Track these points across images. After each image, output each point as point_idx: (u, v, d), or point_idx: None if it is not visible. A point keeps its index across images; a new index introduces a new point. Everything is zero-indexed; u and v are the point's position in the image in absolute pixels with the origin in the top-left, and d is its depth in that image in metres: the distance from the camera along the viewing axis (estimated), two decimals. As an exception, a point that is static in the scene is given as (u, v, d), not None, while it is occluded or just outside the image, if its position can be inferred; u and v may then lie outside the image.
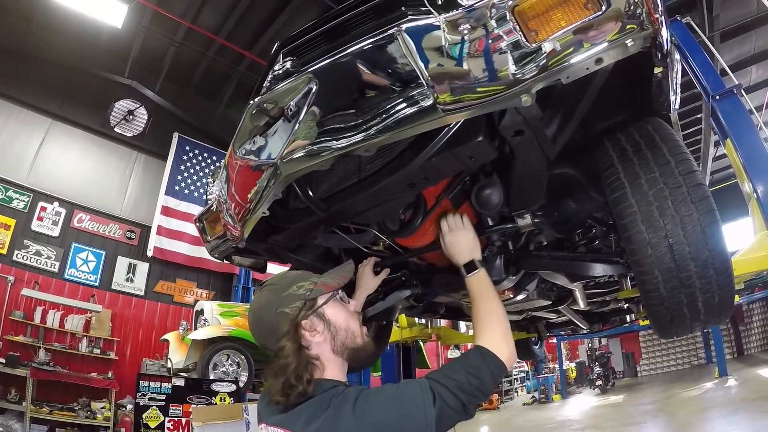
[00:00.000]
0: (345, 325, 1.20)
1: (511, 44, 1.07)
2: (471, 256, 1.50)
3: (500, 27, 1.07)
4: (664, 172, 1.40)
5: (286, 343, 1.10)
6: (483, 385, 1.08)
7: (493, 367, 1.12)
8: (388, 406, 1.01)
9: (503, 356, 1.15)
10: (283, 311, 1.13)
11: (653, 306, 1.47)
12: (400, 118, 1.18)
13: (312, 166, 1.37)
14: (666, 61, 1.18)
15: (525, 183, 1.54)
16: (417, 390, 1.04)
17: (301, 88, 1.34)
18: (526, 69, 1.06)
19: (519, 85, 1.07)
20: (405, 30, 1.15)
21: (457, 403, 1.04)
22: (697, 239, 1.33)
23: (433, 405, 1.01)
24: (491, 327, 1.24)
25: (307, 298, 1.16)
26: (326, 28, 1.54)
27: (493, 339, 1.19)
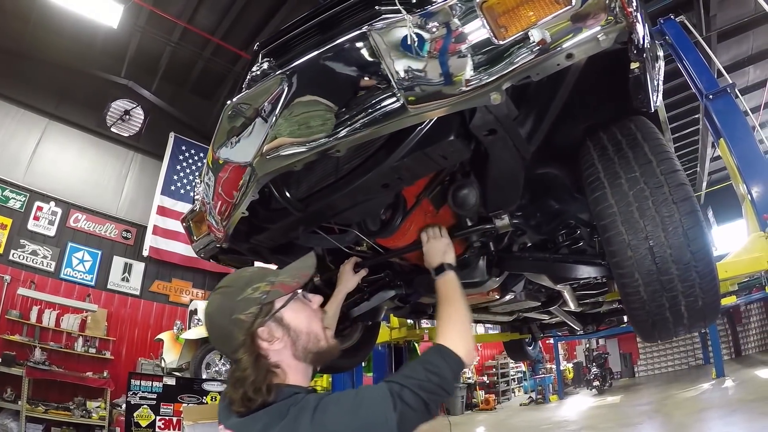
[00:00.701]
0: (306, 329, 1.12)
1: (480, 41, 1.05)
2: (442, 260, 1.53)
3: (469, 24, 1.06)
4: (644, 171, 1.37)
5: (243, 355, 1.03)
6: (444, 382, 1.06)
7: (452, 364, 1.11)
8: (348, 415, 0.96)
9: (461, 353, 1.13)
10: (237, 318, 1.04)
11: (634, 310, 1.44)
12: (369, 117, 1.17)
13: (286, 166, 1.37)
14: (642, 57, 1.15)
15: (500, 183, 1.53)
16: (377, 396, 1.00)
17: (274, 89, 1.34)
18: (495, 66, 1.04)
19: (487, 83, 1.05)
20: (374, 30, 1.14)
21: (419, 403, 1.01)
22: (679, 241, 1.30)
23: (393, 410, 0.97)
24: (451, 327, 1.23)
25: (263, 302, 1.07)
26: (303, 28, 1.54)
27: (451, 338, 1.17)
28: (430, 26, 1.08)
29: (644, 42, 1.14)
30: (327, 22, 1.46)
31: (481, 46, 1.05)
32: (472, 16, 1.06)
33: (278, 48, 1.61)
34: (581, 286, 2.70)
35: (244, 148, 1.47)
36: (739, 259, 3.11)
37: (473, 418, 11.90)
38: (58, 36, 7.70)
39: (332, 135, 1.23)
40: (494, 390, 14.69)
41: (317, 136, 1.26)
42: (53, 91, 8.10)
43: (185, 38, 8.20)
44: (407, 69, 1.11)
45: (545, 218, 1.86)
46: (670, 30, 4.26)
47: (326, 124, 1.25)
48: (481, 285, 1.98)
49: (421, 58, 1.09)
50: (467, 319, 1.29)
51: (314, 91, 1.28)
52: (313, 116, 1.28)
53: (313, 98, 1.28)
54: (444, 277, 1.47)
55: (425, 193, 1.72)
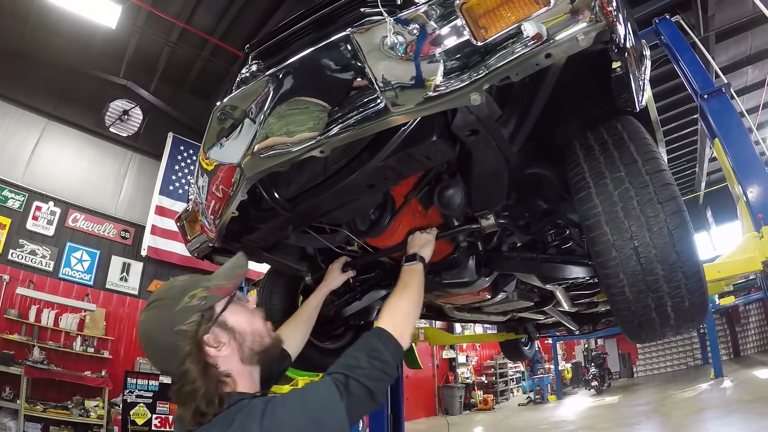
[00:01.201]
0: (250, 329, 1.11)
1: (460, 43, 1.06)
2: (416, 250, 1.58)
3: (449, 25, 1.06)
4: (630, 171, 1.37)
5: (190, 365, 0.99)
6: (386, 367, 1.07)
7: (391, 348, 1.12)
8: (296, 415, 0.95)
9: (400, 339, 1.15)
10: (179, 329, 1.00)
11: (620, 310, 1.43)
12: (352, 118, 1.18)
13: (272, 167, 1.38)
14: (624, 56, 1.15)
15: (485, 184, 1.53)
16: (323, 391, 1.00)
17: (261, 91, 1.35)
18: (475, 67, 1.05)
19: (467, 84, 1.05)
20: (357, 32, 1.15)
21: (365, 392, 1.02)
22: (664, 241, 1.29)
23: (341, 401, 0.98)
24: (397, 312, 1.26)
25: (203, 308, 1.03)
26: (291, 30, 1.55)
27: (393, 322, 1.19)
28: (411, 28, 1.09)
29: (626, 41, 1.13)
30: (314, 24, 1.47)
31: (461, 48, 1.06)
32: (453, 17, 1.06)
33: (267, 50, 1.63)
34: (574, 286, 2.70)
35: (233, 149, 1.49)
36: (732, 259, 3.09)
37: (471, 418, 11.92)
38: (57, 36, 7.71)
39: (317, 136, 1.25)
40: (492, 390, 14.71)
41: (302, 137, 1.27)
42: (52, 91, 8.10)
43: (184, 38, 8.21)
44: (389, 71, 1.11)
45: (534, 218, 1.86)
46: (665, 30, 4.24)
47: (311, 125, 1.26)
48: (471, 284, 1.98)
49: (402, 60, 1.10)
50: (415, 308, 1.32)
51: (299, 93, 1.29)
52: (297, 118, 1.29)
53: (297, 100, 1.29)
54: (410, 266, 1.52)
55: (413, 193, 1.73)
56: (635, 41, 1.42)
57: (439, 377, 13.54)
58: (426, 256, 1.59)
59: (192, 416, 0.96)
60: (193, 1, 7.50)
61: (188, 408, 0.97)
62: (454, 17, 1.06)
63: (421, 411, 12.48)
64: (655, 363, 15.14)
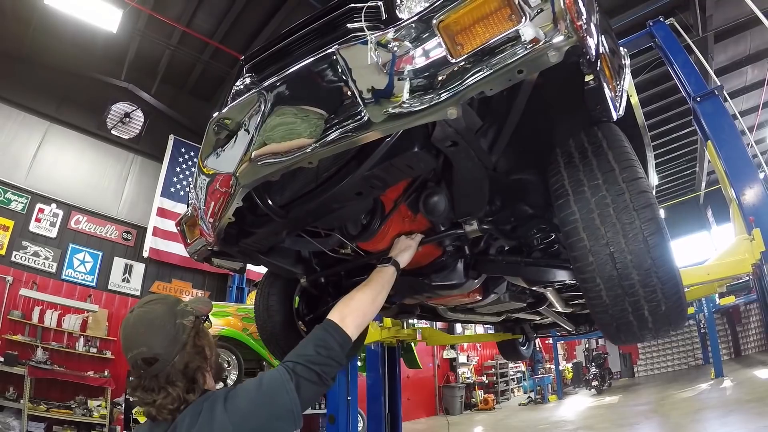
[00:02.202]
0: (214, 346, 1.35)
1: (438, 59, 1.10)
2: (393, 254, 1.71)
3: (427, 42, 1.11)
4: (607, 179, 1.40)
5: (191, 349, 1.21)
6: (331, 353, 1.24)
7: (337, 336, 1.28)
8: (252, 393, 1.15)
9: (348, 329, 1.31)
10: (182, 323, 1.24)
11: (597, 313, 1.46)
12: (338, 132, 1.23)
13: (264, 176, 1.44)
14: (596, 69, 1.18)
15: (466, 191, 1.58)
16: (275, 374, 1.18)
17: (252, 105, 1.42)
18: (451, 83, 1.08)
19: (445, 99, 1.09)
20: (341, 49, 1.21)
21: (312, 374, 1.19)
22: (639, 247, 1.32)
23: (291, 381, 1.15)
24: (346, 304, 1.40)
25: (197, 314, 1.29)
26: (282, 45, 1.61)
27: (343, 314, 1.35)
28: (392, 45, 1.14)
29: (598, 54, 1.16)
30: (304, 39, 1.53)
31: (438, 64, 1.10)
32: (431, 35, 1.10)
33: (259, 64, 1.69)
34: (566, 287, 2.74)
35: (228, 159, 1.56)
36: (722, 261, 3.13)
37: (472, 418, 11.95)
38: (58, 40, 7.78)
39: (305, 148, 1.30)
40: (493, 390, 14.74)
41: (291, 148, 1.33)
42: (54, 94, 8.18)
43: (184, 42, 8.28)
44: (370, 87, 1.16)
45: (520, 223, 1.90)
46: (658, 32, 4.28)
47: (300, 137, 1.32)
48: (460, 287, 2.03)
49: (382, 76, 1.15)
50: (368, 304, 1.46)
51: (289, 106, 1.35)
52: (287, 130, 1.34)
53: (287, 113, 1.35)
54: (382, 267, 1.63)
55: (402, 199, 1.78)
56: (612, 51, 1.46)
57: (440, 377, 13.58)
58: (401, 262, 1.70)
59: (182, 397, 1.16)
60: (193, 4, 7.57)
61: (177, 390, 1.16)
62: (432, 35, 1.10)
63: (421, 411, 12.52)
64: (656, 363, 15.15)
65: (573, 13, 1.02)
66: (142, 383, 1.19)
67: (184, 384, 1.17)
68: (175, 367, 1.17)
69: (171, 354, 1.18)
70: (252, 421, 1.11)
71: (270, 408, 1.13)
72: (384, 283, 1.57)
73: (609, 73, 1.28)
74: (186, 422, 1.12)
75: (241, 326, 5.83)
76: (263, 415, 1.12)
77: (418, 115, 1.13)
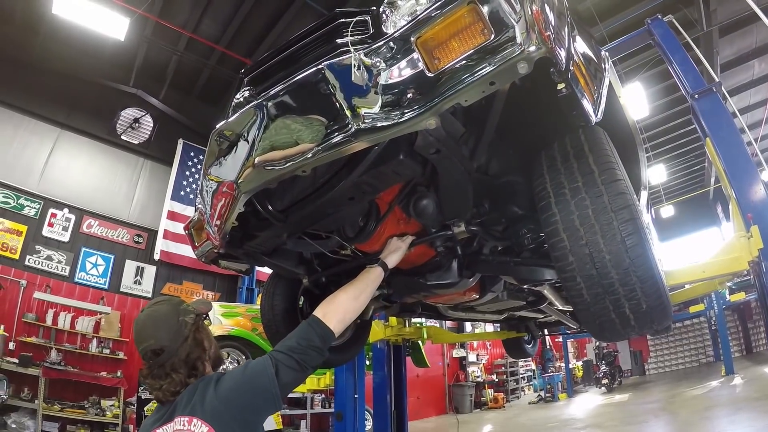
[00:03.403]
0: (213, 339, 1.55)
1: (416, 73, 1.16)
2: (383, 256, 1.83)
3: (407, 58, 1.18)
4: (587, 181, 1.44)
5: (191, 342, 1.41)
6: (312, 343, 1.41)
7: (318, 329, 1.45)
8: (238, 376, 1.35)
9: (330, 324, 1.47)
10: (183, 320, 1.43)
11: (580, 311, 1.52)
12: (326, 143, 1.30)
13: (263, 184, 1.53)
14: (568, 77, 1.22)
15: (451, 195, 1.65)
16: (259, 360, 1.37)
17: (250, 118, 1.51)
18: (429, 95, 1.15)
19: (424, 111, 1.15)
20: (326, 66, 1.28)
21: (291, 361, 1.36)
22: (617, 248, 1.36)
23: (272, 365, 1.33)
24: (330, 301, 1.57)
25: (197, 312, 1.49)
26: (276, 60, 1.69)
27: (323, 309, 1.52)
28: (374, 61, 1.21)
29: (568, 63, 1.21)
30: (295, 56, 1.61)
31: (417, 78, 1.17)
32: (410, 50, 1.17)
33: (257, 77, 1.77)
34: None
35: (230, 168, 1.66)
36: (718, 259, 3.13)
37: (481, 417, 11.97)
38: (67, 48, 7.95)
39: (299, 157, 1.38)
40: (503, 388, 14.74)
41: (287, 157, 1.41)
42: (64, 101, 8.35)
43: (191, 47, 8.42)
44: (355, 101, 1.24)
45: (511, 224, 1.95)
46: (657, 30, 4.28)
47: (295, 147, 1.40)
48: (455, 285, 2.09)
49: (365, 91, 1.22)
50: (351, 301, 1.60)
51: (284, 118, 1.43)
52: (283, 140, 1.43)
53: (283, 125, 1.43)
54: (370, 268, 1.76)
55: (395, 202, 1.85)
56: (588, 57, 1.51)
57: (450, 376, 13.61)
58: (390, 262, 1.82)
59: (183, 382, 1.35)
60: (199, 11, 7.70)
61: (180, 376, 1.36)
62: (411, 51, 1.17)
63: (431, 409, 12.57)
64: (667, 360, 15.04)
65: (541, 25, 1.08)
66: (151, 371, 1.38)
67: (186, 371, 1.37)
68: (179, 357, 1.37)
69: (175, 346, 1.37)
70: (236, 399, 1.28)
71: (252, 388, 1.30)
72: (368, 282, 1.69)
73: (583, 80, 1.33)
74: (184, 401, 1.31)
75: (251, 326, 5.95)
76: (246, 394, 1.29)
77: (400, 126, 1.20)
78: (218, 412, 1.25)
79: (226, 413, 1.26)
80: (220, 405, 1.26)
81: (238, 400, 1.28)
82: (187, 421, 1.26)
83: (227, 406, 1.26)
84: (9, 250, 7.34)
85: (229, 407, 1.26)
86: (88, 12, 6.57)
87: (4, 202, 7.49)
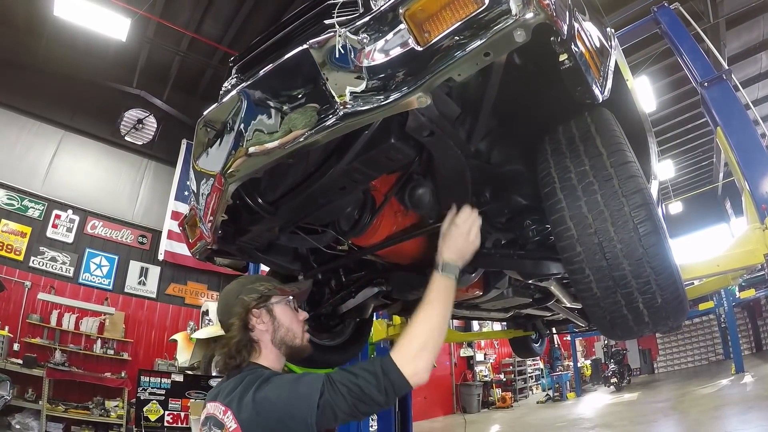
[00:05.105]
0: (288, 325, 1.42)
1: (405, 48, 1.08)
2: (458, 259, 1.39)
3: (394, 32, 1.09)
4: (594, 164, 1.34)
5: (236, 321, 1.35)
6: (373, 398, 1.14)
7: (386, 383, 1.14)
8: (284, 388, 1.20)
9: (407, 372, 1.15)
10: (242, 298, 1.38)
11: (589, 307, 1.41)
12: (310, 127, 1.22)
13: (249, 173, 1.45)
14: (571, 48, 1.12)
15: (448, 182, 1.56)
16: (313, 380, 1.18)
17: (234, 105, 1.43)
18: (419, 70, 1.06)
19: (414, 88, 1.07)
20: (313, 46, 1.20)
21: (344, 404, 1.14)
22: (629, 236, 1.26)
23: (319, 397, 1.13)
24: (414, 337, 1.21)
25: (263, 293, 1.41)
26: (265, 45, 1.62)
27: (407, 351, 1.19)
28: (361, 38, 1.13)
29: (571, 32, 1.12)
30: (284, 39, 1.53)
31: (406, 53, 1.08)
32: (398, 25, 1.09)
33: (245, 64, 1.70)
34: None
35: (216, 158, 1.57)
36: (732, 252, 3.02)
37: (489, 416, 11.86)
38: (70, 50, 7.98)
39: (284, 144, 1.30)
40: (511, 388, 14.60)
41: (272, 145, 1.33)
42: (68, 103, 8.38)
43: (193, 47, 8.41)
44: (341, 80, 1.16)
45: (513, 214, 1.86)
46: (663, 18, 4.15)
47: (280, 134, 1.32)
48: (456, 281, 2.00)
49: (352, 69, 1.14)
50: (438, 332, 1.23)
51: (268, 104, 1.35)
52: (268, 127, 1.35)
53: (267, 110, 1.35)
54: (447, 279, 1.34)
55: (391, 193, 1.77)
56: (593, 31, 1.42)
57: (457, 375, 13.50)
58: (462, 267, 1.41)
59: (224, 357, 1.32)
60: (201, 11, 7.68)
61: (223, 350, 1.33)
62: (399, 25, 1.09)
63: (438, 409, 12.47)
64: (676, 359, 14.82)
65: None
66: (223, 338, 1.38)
67: (224, 351, 1.32)
68: (232, 330, 1.35)
69: (226, 319, 1.38)
70: (269, 414, 1.16)
71: (289, 409, 1.14)
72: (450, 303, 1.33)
73: (587, 53, 1.23)
74: (229, 387, 1.26)
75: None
76: (280, 411, 1.15)
77: (389, 105, 1.11)
78: (249, 417, 1.17)
79: (255, 421, 1.17)
80: (254, 411, 1.17)
81: (271, 412, 1.16)
82: (222, 411, 1.23)
83: (258, 415, 1.16)
84: (13, 251, 7.36)
85: (260, 417, 1.16)
86: (89, 13, 6.58)
87: (9, 203, 7.51)
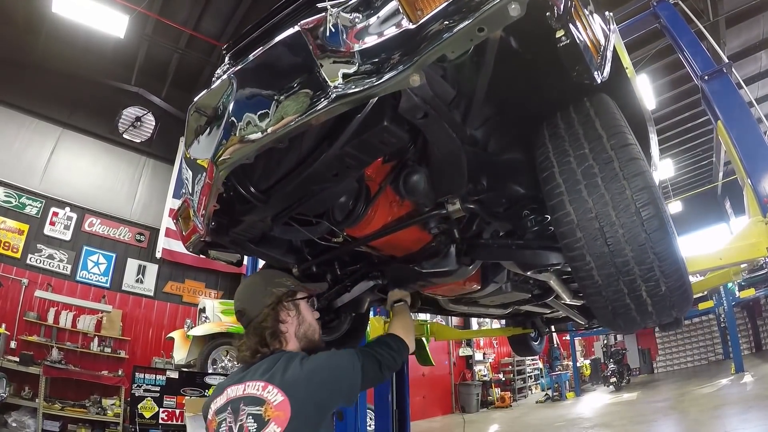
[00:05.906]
0: (310, 320, 1.62)
1: (396, 27, 1.05)
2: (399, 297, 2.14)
3: (387, 10, 1.06)
4: (594, 147, 1.31)
5: (269, 311, 1.50)
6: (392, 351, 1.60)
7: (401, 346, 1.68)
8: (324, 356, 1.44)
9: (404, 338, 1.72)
10: (272, 291, 1.55)
11: (591, 296, 1.37)
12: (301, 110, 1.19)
13: (239, 160, 1.42)
14: (568, 24, 1.08)
15: (444, 168, 1.52)
16: (347, 352, 1.48)
17: (225, 90, 1.39)
18: (411, 49, 1.03)
19: (407, 66, 1.03)
20: (304, 27, 1.17)
21: (375, 364, 1.50)
22: (631, 220, 1.21)
23: (358, 360, 1.44)
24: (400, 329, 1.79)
25: (291, 288, 1.59)
26: (258, 31, 1.59)
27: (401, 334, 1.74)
28: (352, 17, 1.10)
29: (566, 7, 1.08)
30: (277, 25, 1.50)
31: (398, 31, 1.05)
32: (389, 1, 1.06)
33: (238, 51, 1.67)
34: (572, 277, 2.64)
35: (207, 146, 1.53)
36: (735, 245, 2.99)
37: (488, 416, 11.83)
38: (69, 47, 7.95)
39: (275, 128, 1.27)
40: (510, 387, 14.56)
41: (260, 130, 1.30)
42: (66, 100, 8.35)
43: (192, 45, 8.39)
44: (333, 60, 1.12)
45: (511, 203, 1.83)
46: (663, 12, 4.14)
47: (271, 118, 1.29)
48: (453, 274, 1.95)
49: (344, 50, 1.11)
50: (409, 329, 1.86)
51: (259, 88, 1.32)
52: (258, 112, 1.31)
53: (258, 95, 1.32)
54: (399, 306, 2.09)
55: (386, 181, 1.74)
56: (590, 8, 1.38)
57: (456, 375, 13.46)
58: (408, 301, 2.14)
59: (254, 344, 1.47)
60: (199, 8, 7.66)
61: (253, 338, 1.47)
62: (390, 2, 1.06)
63: (437, 409, 12.43)
64: (676, 358, 14.79)
65: None
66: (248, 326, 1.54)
67: (257, 339, 1.46)
68: (254, 324, 1.50)
69: (254, 312, 1.52)
70: (319, 377, 1.34)
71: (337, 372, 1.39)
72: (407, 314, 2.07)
73: (585, 30, 1.20)
74: (263, 367, 1.39)
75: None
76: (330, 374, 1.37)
77: (381, 85, 1.07)
78: (298, 386, 1.30)
79: (305, 389, 1.30)
80: (303, 379, 1.31)
81: (322, 378, 1.34)
82: (262, 387, 1.32)
83: (308, 383, 1.31)
84: (11, 248, 7.33)
85: (310, 384, 1.31)
86: (88, 10, 6.58)
87: (6, 201, 7.48)
